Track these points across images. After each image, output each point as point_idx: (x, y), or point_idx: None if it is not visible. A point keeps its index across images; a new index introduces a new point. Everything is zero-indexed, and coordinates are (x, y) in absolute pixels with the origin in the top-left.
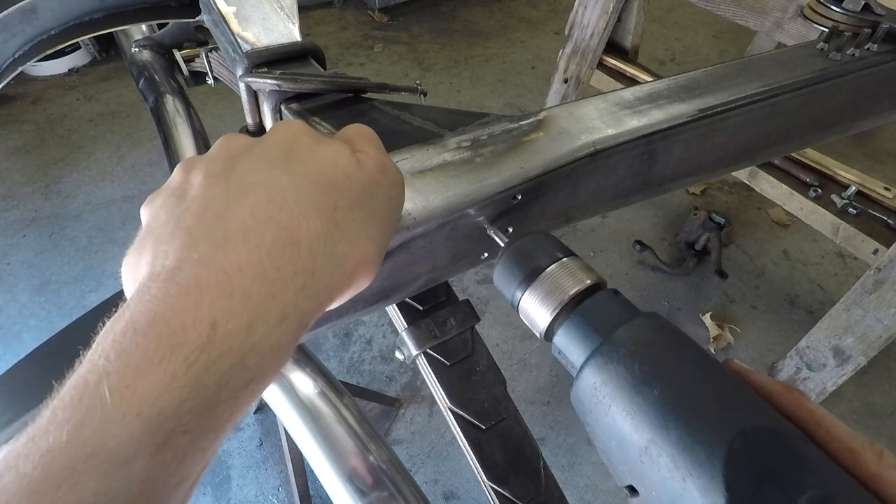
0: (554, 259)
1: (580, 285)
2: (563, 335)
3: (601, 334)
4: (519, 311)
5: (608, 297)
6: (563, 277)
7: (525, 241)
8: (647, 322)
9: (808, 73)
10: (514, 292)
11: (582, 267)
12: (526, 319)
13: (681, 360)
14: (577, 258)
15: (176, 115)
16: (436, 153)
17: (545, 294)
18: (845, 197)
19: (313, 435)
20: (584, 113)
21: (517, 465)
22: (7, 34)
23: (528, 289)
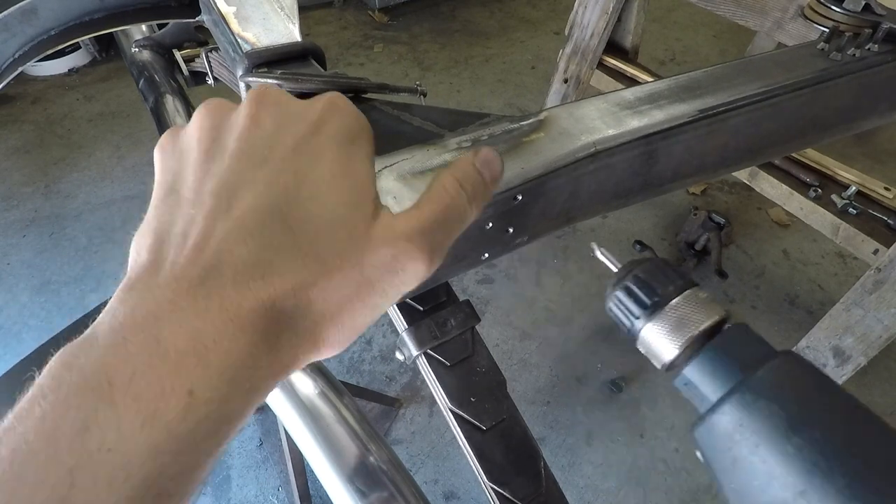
0: (679, 289)
1: (711, 319)
2: (696, 368)
3: (743, 370)
4: (638, 340)
5: (746, 331)
6: (692, 309)
7: (646, 267)
8: (793, 360)
9: (809, 74)
10: (635, 321)
11: (709, 298)
12: (646, 350)
13: (836, 403)
14: (700, 288)
15: (176, 116)
16: (436, 153)
17: (673, 326)
18: (845, 197)
19: (313, 435)
20: (584, 113)
21: (518, 466)
22: (7, 34)
23: (653, 319)
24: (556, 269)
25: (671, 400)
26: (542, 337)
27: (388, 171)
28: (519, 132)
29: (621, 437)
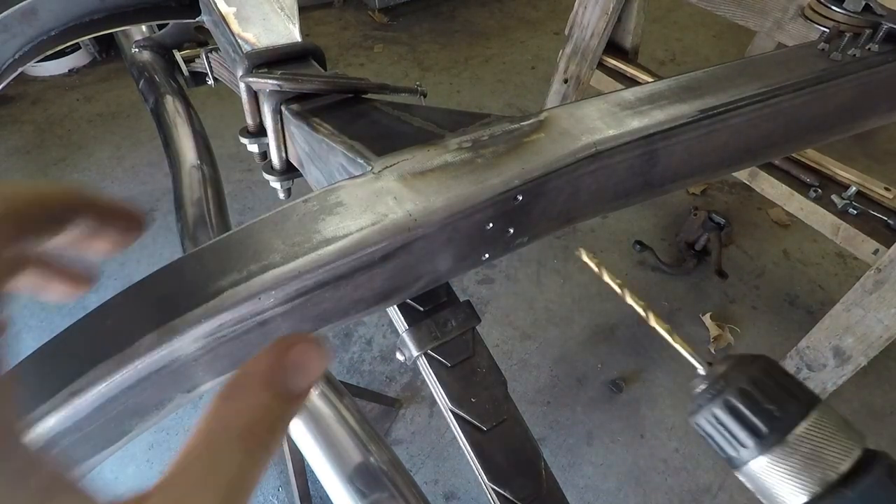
0: (805, 410)
1: (849, 459)
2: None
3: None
4: (744, 473)
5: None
6: (825, 442)
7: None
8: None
9: (809, 74)
10: (741, 450)
11: (841, 424)
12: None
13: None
14: (829, 408)
15: (176, 116)
16: (437, 154)
17: (800, 466)
18: (845, 197)
19: (313, 435)
20: (584, 113)
21: (518, 467)
22: (7, 35)
23: (770, 452)
24: (556, 269)
25: (671, 400)
26: (543, 337)
27: (389, 172)
28: (519, 132)
29: (621, 437)
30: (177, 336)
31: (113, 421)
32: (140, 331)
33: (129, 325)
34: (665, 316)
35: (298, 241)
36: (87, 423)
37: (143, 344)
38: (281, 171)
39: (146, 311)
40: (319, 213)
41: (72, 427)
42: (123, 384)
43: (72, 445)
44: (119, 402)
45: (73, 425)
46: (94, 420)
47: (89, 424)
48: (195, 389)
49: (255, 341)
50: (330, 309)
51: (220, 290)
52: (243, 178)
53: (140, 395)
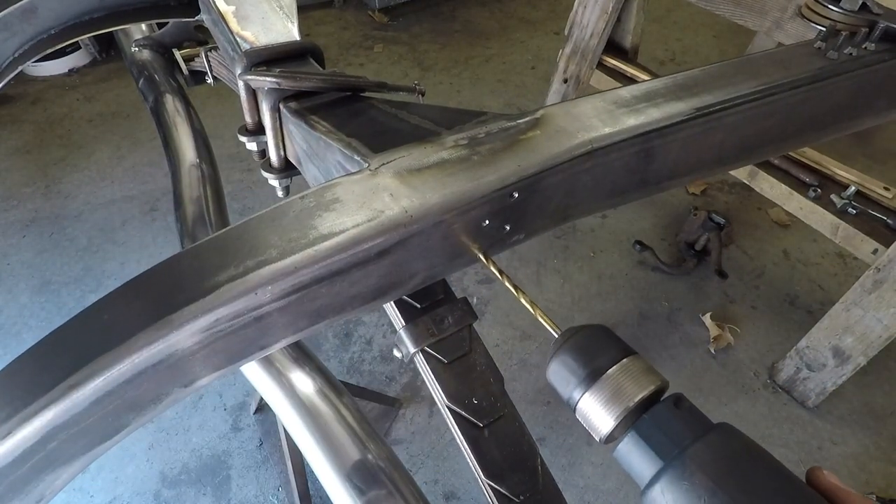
0: (615, 359)
1: (644, 391)
2: (629, 446)
3: (668, 453)
4: (576, 411)
5: (672, 408)
6: (626, 380)
7: (583, 335)
8: (718, 440)
9: (806, 72)
10: (572, 392)
11: (644, 369)
12: (584, 421)
13: (758, 482)
14: (638, 358)
15: (176, 115)
16: (433, 151)
17: (608, 398)
18: (845, 197)
19: (312, 434)
20: (581, 111)
21: (514, 463)
22: (7, 33)
23: (589, 390)
24: (556, 269)
25: None
26: (543, 337)
27: (386, 169)
28: (516, 130)
29: None
30: (174, 331)
31: (111, 415)
32: (137, 325)
33: (127, 319)
34: (665, 316)
35: (295, 236)
36: (85, 417)
37: (140, 338)
38: (279, 169)
39: (144, 306)
40: (316, 210)
41: (70, 421)
42: (121, 378)
43: (70, 439)
44: (117, 396)
45: (72, 419)
46: (92, 414)
47: (87, 418)
48: (192, 384)
49: (252, 336)
50: (326, 305)
51: (217, 285)
52: (243, 178)
53: (137, 389)
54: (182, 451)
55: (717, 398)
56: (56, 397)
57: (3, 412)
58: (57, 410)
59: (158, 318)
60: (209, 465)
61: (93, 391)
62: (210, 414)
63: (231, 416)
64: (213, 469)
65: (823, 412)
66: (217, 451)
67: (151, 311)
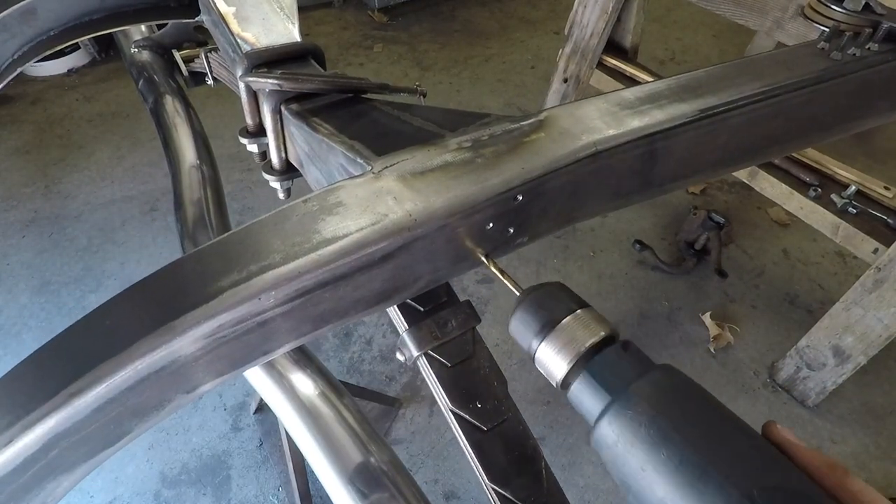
0: (569, 310)
1: (594, 337)
2: (578, 388)
3: (614, 389)
4: (535, 360)
5: (620, 351)
6: (578, 329)
7: (541, 291)
8: (660, 377)
9: (809, 73)
10: (531, 342)
11: (596, 318)
12: (542, 369)
13: (696, 417)
14: (590, 309)
15: (175, 116)
16: (437, 154)
17: (561, 346)
18: (845, 196)
19: (313, 435)
20: (585, 113)
21: (519, 467)
22: (7, 35)
23: (545, 340)
24: (556, 268)
25: None
26: None
27: (389, 172)
28: (519, 132)
29: None
30: (176, 337)
31: (113, 422)
32: (140, 332)
33: (129, 325)
34: (665, 315)
35: (298, 241)
36: (87, 425)
37: (142, 345)
38: (280, 171)
39: (146, 312)
40: (319, 213)
41: (71, 428)
42: (123, 385)
43: (71, 447)
44: (119, 403)
45: (73, 426)
46: (94, 421)
47: (89, 425)
48: (195, 390)
49: (255, 341)
50: (330, 309)
51: (220, 290)
52: (243, 178)
53: (140, 395)
54: (182, 451)
55: (717, 397)
56: (58, 405)
57: (5, 420)
58: (58, 418)
59: (161, 324)
60: (209, 465)
61: (94, 398)
62: (210, 414)
63: (231, 416)
64: (213, 469)
65: (823, 411)
66: (217, 451)
67: (154, 317)
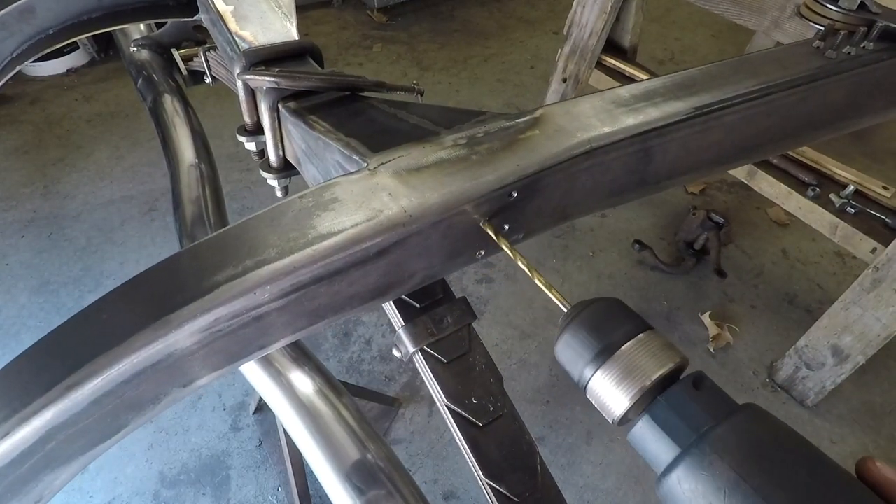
0: (630, 334)
1: (662, 369)
2: (641, 431)
3: (686, 438)
4: (586, 391)
5: (696, 388)
6: (642, 357)
7: (595, 309)
8: (744, 423)
9: (804, 71)
10: (583, 370)
11: (663, 344)
12: (595, 402)
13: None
14: (655, 332)
15: (174, 115)
16: (432, 151)
17: (621, 377)
18: (844, 196)
19: (311, 434)
20: (580, 111)
21: (513, 462)
22: (5, 33)
23: (601, 368)
24: (555, 268)
25: None
26: (542, 336)
27: (384, 168)
28: (515, 129)
29: (620, 436)
30: (172, 331)
31: (109, 415)
32: (136, 325)
33: (125, 319)
34: (664, 315)
35: (294, 236)
36: (84, 417)
37: (138, 338)
38: (278, 169)
39: (142, 306)
40: (315, 209)
41: (68, 421)
42: (119, 378)
43: (68, 439)
44: (115, 397)
45: (70, 419)
46: (91, 414)
47: (86, 418)
48: (191, 384)
49: (251, 336)
50: (325, 304)
51: (216, 284)
52: (242, 178)
53: (136, 389)
54: (181, 451)
55: None
56: (54, 397)
57: (2, 412)
58: (55, 411)
59: (157, 318)
60: (208, 465)
61: (91, 391)
62: (209, 414)
63: (230, 416)
64: (212, 469)
65: (822, 411)
66: (216, 451)
67: (150, 311)
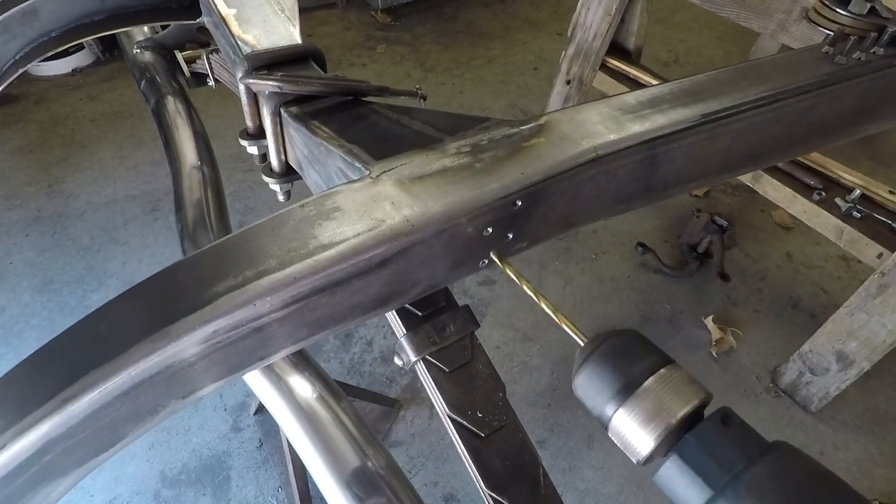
0: (652, 369)
1: (687, 406)
2: (671, 471)
3: (721, 477)
4: (609, 429)
5: (725, 426)
6: (666, 394)
7: (614, 342)
8: (776, 463)
9: (813, 77)
10: (604, 407)
11: (685, 380)
12: (619, 440)
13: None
14: (677, 367)
15: (177, 117)
16: (435, 158)
17: (646, 415)
18: (849, 200)
19: (310, 439)
20: (585, 118)
21: (516, 473)
22: (8, 35)
23: (623, 405)
24: (557, 271)
25: None
26: (544, 339)
27: (387, 177)
28: (519, 137)
29: None
30: (171, 342)
31: (107, 427)
32: (134, 337)
33: (124, 330)
34: (667, 318)
35: (294, 246)
36: (81, 430)
37: (137, 350)
38: (280, 174)
39: (141, 317)
40: (316, 219)
41: (65, 433)
42: (117, 390)
43: (65, 452)
44: (113, 409)
45: (67, 432)
46: (88, 426)
47: (83, 430)
48: (190, 395)
49: (251, 347)
50: (326, 315)
51: (216, 295)
52: (245, 179)
53: (134, 401)
54: (182, 450)
55: (719, 402)
56: (52, 410)
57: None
58: (52, 423)
59: (156, 329)
60: (209, 465)
61: (88, 404)
62: (210, 414)
63: (231, 417)
64: (212, 469)
65: (826, 417)
66: (217, 452)
67: (149, 322)
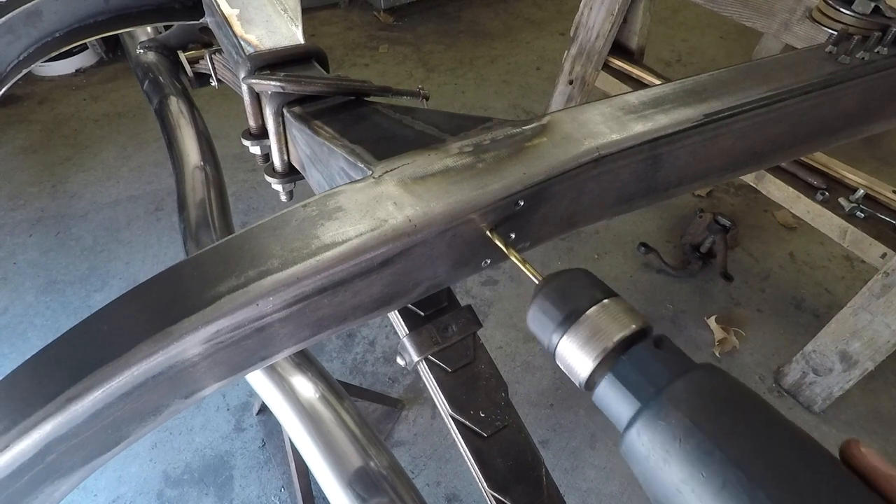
0: (595, 300)
1: (624, 331)
2: (604, 390)
3: (645, 393)
4: (556, 357)
5: (653, 348)
6: (606, 321)
7: (562, 279)
8: (700, 379)
9: (817, 77)
10: (551, 336)
11: (625, 309)
12: (564, 367)
13: (743, 429)
14: (619, 299)
15: (180, 117)
16: (438, 158)
17: (585, 340)
18: (853, 200)
19: (313, 439)
20: (588, 118)
21: (518, 473)
22: (12, 36)
23: (567, 333)
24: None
25: None
26: None
27: (389, 177)
28: (521, 137)
29: None
30: (174, 342)
31: (110, 427)
32: (137, 337)
33: (127, 330)
34: (669, 318)
35: (297, 246)
36: (84, 430)
37: (140, 350)
38: (283, 174)
39: (143, 317)
40: (318, 219)
41: (68, 433)
42: (120, 390)
43: (68, 451)
44: (116, 409)
45: (70, 431)
46: (91, 426)
47: (86, 430)
48: (193, 395)
49: (254, 347)
50: (329, 315)
51: (218, 295)
52: (248, 179)
53: (137, 401)
54: (185, 450)
55: None
56: (55, 409)
57: (2, 424)
58: (55, 423)
59: (158, 329)
60: (212, 465)
61: (92, 403)
62: (213, 414)
63: (234, 417)
64: (215, 469)
65: (830, 417)
66: (220, 452)
67: (151, 323)
